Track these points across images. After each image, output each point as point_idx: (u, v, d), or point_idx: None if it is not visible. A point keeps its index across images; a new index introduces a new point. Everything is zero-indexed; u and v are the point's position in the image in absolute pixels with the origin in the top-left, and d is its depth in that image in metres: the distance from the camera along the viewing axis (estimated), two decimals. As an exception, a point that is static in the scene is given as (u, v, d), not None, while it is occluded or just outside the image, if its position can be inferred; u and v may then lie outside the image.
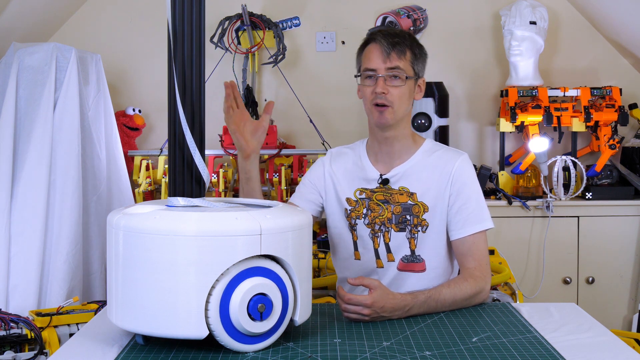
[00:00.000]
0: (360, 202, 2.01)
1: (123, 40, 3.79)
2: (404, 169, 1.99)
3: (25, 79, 2.80)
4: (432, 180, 1.96)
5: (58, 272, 2.71)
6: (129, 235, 1.41)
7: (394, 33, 1.96)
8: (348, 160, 2.08)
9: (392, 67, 1.92)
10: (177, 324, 1.38)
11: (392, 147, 2.00)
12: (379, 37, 1.94)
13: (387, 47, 1.92)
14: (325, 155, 2.14)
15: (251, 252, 1.40)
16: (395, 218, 1.97)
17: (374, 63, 1.93)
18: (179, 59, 1.52)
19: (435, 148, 2.03)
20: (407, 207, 1.96)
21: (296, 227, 1.48)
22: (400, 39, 1.94)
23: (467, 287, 1.83)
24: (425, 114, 3.53)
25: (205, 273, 1.37)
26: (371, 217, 1.99)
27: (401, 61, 1.92)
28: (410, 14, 3.75)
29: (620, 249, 3.46)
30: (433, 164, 1.98)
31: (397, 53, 1.92)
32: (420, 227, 1.96)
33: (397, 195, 1.98)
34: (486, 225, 1.94)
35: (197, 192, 1.57)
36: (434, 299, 1.77)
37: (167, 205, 1.54)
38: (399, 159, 2.00)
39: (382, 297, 1.70)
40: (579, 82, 3.72)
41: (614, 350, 1.48)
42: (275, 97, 3.79)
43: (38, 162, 2.71)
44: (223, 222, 1.40)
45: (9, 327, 2.12)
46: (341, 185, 2.05)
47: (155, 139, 3.80)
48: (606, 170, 3.55)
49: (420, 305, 1.75)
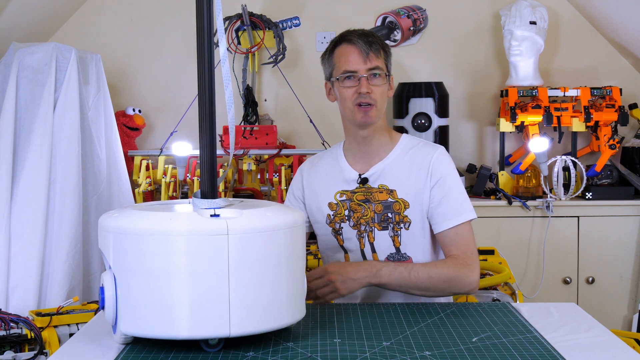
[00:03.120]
0: (342, 205, 2.00)
1: (123, 40, 3.79)
2: (382, 167, 1.99)
3: (25, 79, 2.80)
4: (411, 176, 1.96)
5: (58, 272, 2.71)
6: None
7: (367, 33, 1.96)
8: (325, 165, 2.07)
9: (372, 67, 1.92)
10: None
11: (370, 146, 1.99)
12: (355, 37, 1.93)
13: (366, 47, 1.91)
14: (304, 164, 2.14)
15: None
16: (378, 217, 1.96)
17: (353, 64, 1.92)
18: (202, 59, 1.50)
19: (412, 144, 2.02)
20: (388, 205, 1.96)
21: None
22: (374, 39, 1.94)
23: (444, 268, 1.86)
24: (425, 114, 3.53)
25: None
26: (355, 218, 1.98)
27: (379, 60, 1.93)
28: (410, 14, 3.75)
29: (620, 249, 3.46)
30: (411, 159, 1.98)
31: (375, 52, 1.92)
32: (402, 224, 1.95)
33: (377, 194, 1.97)
34: (468, 217, 1.94)
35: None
36: (406, 268, 1.82)
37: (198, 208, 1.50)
38: (377, 157, 2.00)
39: (337, 263, 1.83)
40: (579, 82, 3.72)
41: (614, 350, 1.48)
42: (275, 97, 3.79)
43: (38, 162, 2.71)
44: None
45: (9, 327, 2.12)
46: (321, 191, 2.04)
47: (155, 139, 3.80)
48: (606, 170, 3.55)
49: (391, 271, 1.82)
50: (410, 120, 3.54)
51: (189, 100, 3.47)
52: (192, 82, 3.60)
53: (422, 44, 3.82)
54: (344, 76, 1.94)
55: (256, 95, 3.73)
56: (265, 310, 1.42)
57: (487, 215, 3.45)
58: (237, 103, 3.72)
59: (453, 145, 3.73)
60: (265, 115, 3.73)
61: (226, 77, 1.51)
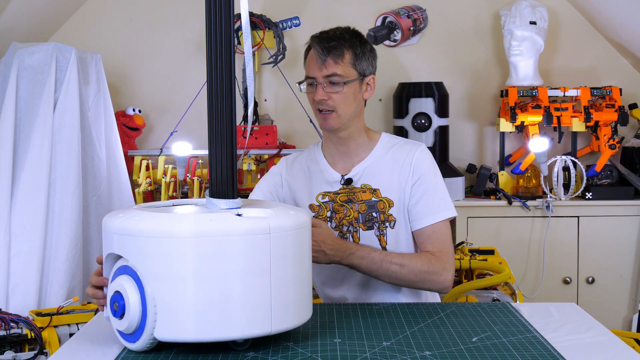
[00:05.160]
0: (324, 206, 1.98)
1: (123, 40, 3.79)
2: (364, 167, 1.97)
3: (25, 79, 2.80)
4: (394, 174, 1.95)
5: (58, 272, 2.71)
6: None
7: (331, 36, 1.90)
8: (303, 166, 2.04)
9: (328, 75, 1.88)
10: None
11: (348, 147, 1.98)
12: (315, 42, 1.90)
13: (322, 53, 1.88)
14: (280, 164, 2.09)
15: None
16: (362, 217, 1.95)
17: (311, 71, 1.91)
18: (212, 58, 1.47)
19: (393, 142, 2.00)
20: (372, 204, 1.95)
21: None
22: (338, 42, 1.88)
23: (418, 260, 1.85)
24: (425, 114, 3.53)
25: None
26: (337, 218, 1.96)
27: (338, 66, 1.88)
28: (410, 14, 3.75)
29: (620, 249, 3.46)
30: (392, 158, 1.96)
31: (333, 58, 1.88)
32: (387, 222, 1.94)
33: (360, 194, 1.96)
34: (447, 215, 1.92)
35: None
36: (381, 254, 1.83)
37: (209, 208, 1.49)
38: (357, 157, 1.98)
39: (324, 232, 1.78)
40: (579, 82, 3.72)
41: (614, 350, 1.48)
42: (275, 97, 3.79)
43: (38, 162, 2.72)
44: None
45: (9, 327, 2.13)
46: (300, 193, 2.01)
47: (155, 139, 3.80)
48: (606, 170, 3.55)
49: (363, 255, 1.82)
50: (410, 120, 3.54)
51: (189, 100, 3.47)
52: (193, 82, 3.64)
53: (422, 44, 3.82)
54: (306, 82, 1.93)
55: (256, 95, 3.74)
56: (297, 305, 1.47)
57: (487, 215, 3.46)
58: (238, 103, 3.72)
59: (453, 145, 3.73)
60: (265, 115, 3.73)
61: (250, 77, 1.52)
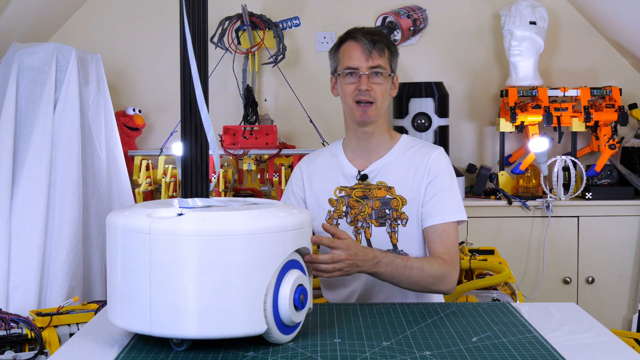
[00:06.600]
0: (341, 201, 2.01)
1: (123, 40, 3.79)
2: (382, 164, 2.01)
3: (25, 79, 2.80)
4: (409, 173, 1.98)
5: (58, 272, 2.71)
6: (166, 240, 1.37)
7: (373, 31, 1.97)
8: (324, 161, 2.09)
9: (374, 66, 1.93)
10: (233, 323, 1.39)
11: (370, 143, 2.01)
12: (359, 35, 1.95)
13: (369, 45, 1.93)
14: (302, 161, 2.14)
15: (296, 246, 1.49)
16: (375, 213, 1.98)
17: (356, 61, 1.94)
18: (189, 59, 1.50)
19: (412, 143, 2.04)
20: (386, 202, 1.98)
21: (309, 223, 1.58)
22: (379, 37, 1.96)
23: (436, 264, 1.87)
24: (425, 114, 3.53)
25: (262, 269, 1.41)
26: (352, 214, 1.99)
27: (382, 59, 1.94)
28: (410, 14, 3.75)
29: (620, 249, 3.46)
30: (410, 158, 2.00)
31: (378, 51, 1.94)
32: (400, 220, 1.97)
33: (375, 190, 1.99)
34: (458, 217, 1.95)
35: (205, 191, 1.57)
36: (403, 260, 1.83)
37: (181, 207, 1.50)
38: (377, 154, 2.02)
39: (354, 243, 1.76)
40: (579, 82, 3.72)
41: (614, 350, 1.49)
42: (275, 97, 3.79)
43: (38, 162, 2.71)
44: (272, 219, 1.45)
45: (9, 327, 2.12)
46: (320, 187, 2.05)
47: (155, 139, 3.80)
48: (606, 170, 3.55)
49: (388, 262, 1.80)
50: (410, 120, 3.54)
51: (189, 100, 3.46)
52: (192, 82, 3.62)
53: (422, 44, 3.82)
54: (345, 72, 1.96)
55: (256, 95, 3.73)
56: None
57: (487, 215, 3.46)
58: (238, 103, 3.72)
59: (453, 145, 3.73)
60: (265, 115, 3.73)
61: (201, 102, 1.55)
